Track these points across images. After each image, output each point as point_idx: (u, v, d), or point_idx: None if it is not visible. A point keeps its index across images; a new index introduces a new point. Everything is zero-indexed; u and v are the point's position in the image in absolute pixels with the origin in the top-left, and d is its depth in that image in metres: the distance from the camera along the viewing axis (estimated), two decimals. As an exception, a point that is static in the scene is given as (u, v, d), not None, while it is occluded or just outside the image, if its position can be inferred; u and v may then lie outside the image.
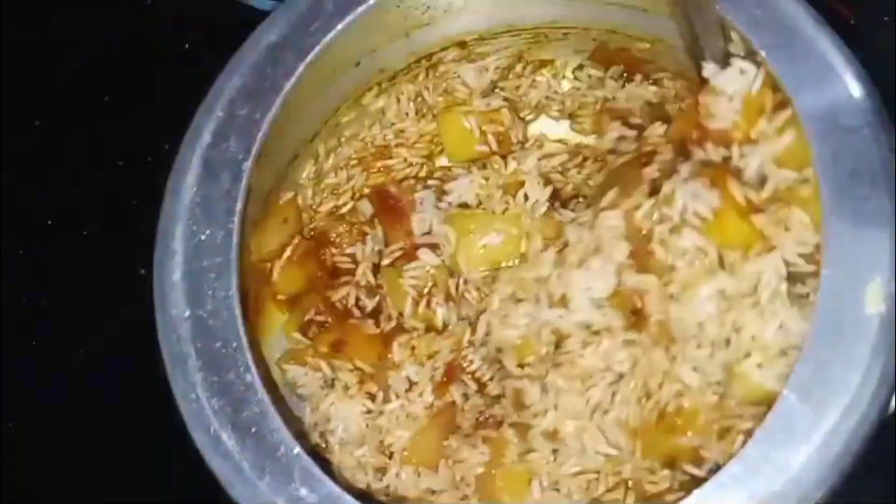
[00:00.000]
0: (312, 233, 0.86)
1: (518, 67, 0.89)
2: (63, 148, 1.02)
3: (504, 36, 0.86)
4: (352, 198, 0.88)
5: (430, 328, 0.83)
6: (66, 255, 0.99)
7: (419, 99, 0.88)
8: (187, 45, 1.03)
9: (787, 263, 0.70)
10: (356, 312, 0.84)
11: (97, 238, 0.99)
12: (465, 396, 0.81)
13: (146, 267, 0.75)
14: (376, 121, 0.88)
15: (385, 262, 0.84)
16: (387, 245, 0.85)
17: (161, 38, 1.03)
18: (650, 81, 0.86)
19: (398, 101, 0.88)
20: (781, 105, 0.70)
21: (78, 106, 1.03)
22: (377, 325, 0.83)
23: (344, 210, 0.88)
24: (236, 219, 0.74)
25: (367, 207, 0.86)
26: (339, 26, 0.77)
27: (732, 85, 0.71)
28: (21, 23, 1.05)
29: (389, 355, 0.81)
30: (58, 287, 0.98)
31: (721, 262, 0.71)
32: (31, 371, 0.96)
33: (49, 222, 1.00)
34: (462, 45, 0.86)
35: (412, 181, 0.88)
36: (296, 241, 0.84)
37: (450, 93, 0.88)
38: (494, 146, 0.86)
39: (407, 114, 0.88)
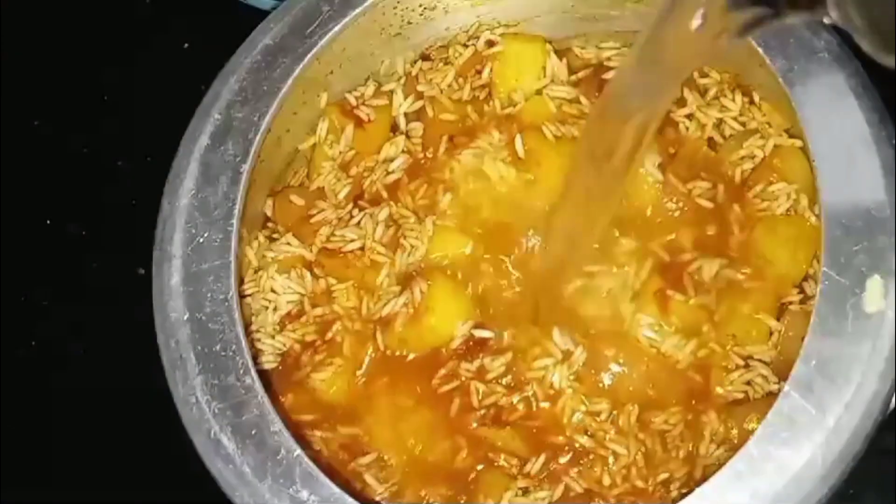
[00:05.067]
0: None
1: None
2: (63, 148, 1.02)
3: (503, 36, 0.86)
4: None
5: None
6: (67, 255, 0.99)
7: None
8: (187, 45, 1.03)
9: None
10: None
11: (97, 238, 0.99)
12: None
13: (145, 267, 0.75)
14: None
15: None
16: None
17: (161, 38, 1.03)
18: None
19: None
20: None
21: (78, 106, 1.03)
22: None
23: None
24: (235, 221, 0.74)
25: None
26: (336, 28, 0.77)
27: None
28: (21, 23, 1.05)
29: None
30: (58, 287, 0.98)
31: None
32: (31, 371, 0.96)
33: (49, 222, 1.00)
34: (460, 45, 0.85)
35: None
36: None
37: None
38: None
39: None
